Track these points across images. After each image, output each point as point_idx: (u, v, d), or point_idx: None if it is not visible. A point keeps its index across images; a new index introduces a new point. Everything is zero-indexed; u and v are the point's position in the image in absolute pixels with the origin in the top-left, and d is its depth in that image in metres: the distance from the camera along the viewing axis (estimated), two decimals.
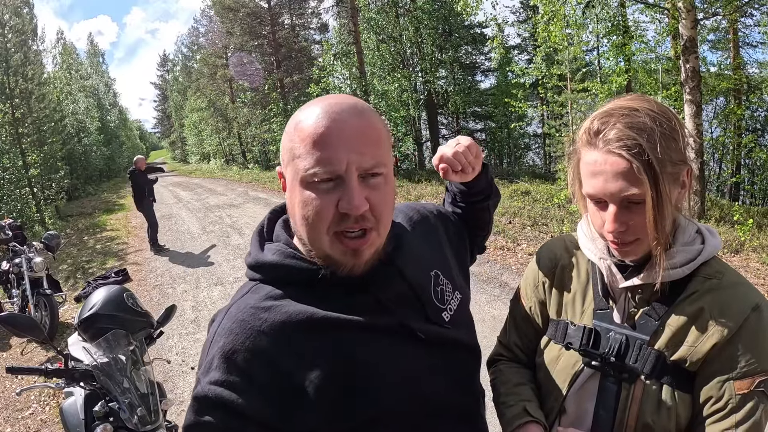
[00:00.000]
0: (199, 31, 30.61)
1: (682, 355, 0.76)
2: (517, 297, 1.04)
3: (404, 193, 10.93)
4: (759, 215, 6.92)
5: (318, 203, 0.66)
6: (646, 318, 0.81)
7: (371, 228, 0.69)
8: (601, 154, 0.75)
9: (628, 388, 0.80)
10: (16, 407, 3.60)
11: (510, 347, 1.04)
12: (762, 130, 13.71)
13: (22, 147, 13.35)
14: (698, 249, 0.79)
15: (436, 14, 15.89)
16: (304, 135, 0.66)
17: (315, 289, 0.72)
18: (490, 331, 3.70)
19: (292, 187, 0.70)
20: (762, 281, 4.26)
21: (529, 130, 20.19)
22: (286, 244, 0.77)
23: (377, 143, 0.68)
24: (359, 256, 0.70)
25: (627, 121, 0.75)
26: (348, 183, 0.65)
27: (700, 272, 0.79)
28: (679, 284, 0.79)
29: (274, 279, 0.75)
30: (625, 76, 8.53)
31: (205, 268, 6.50)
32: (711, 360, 0.75)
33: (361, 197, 0.65)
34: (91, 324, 1.87)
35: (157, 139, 72.26)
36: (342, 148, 0.65)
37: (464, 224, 1.02)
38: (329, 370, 0.69)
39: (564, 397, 0.88)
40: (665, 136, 0.74)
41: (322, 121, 0.66)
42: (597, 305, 0.87)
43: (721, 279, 0.78)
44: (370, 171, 0.67)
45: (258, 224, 0.84)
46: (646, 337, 0.79)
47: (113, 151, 30.20)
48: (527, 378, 0.98)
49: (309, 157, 0.65)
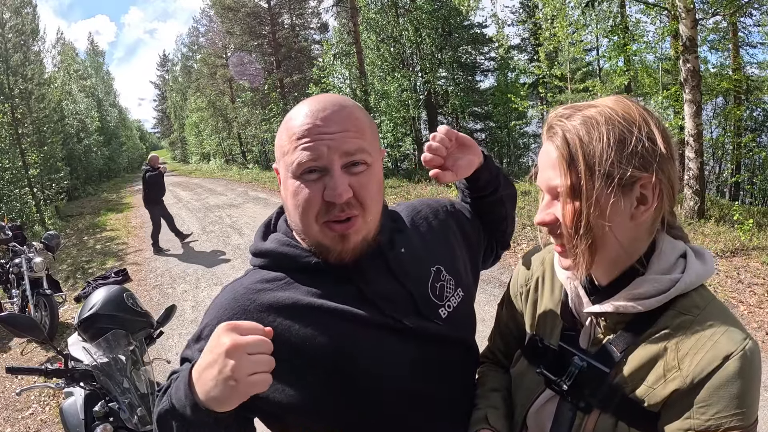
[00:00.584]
0: (199, 31, 30.59)
1: (641, 394, 0.70)
2: (502, 302, 1.03)
3: (404, 193, 10.92)
4: (759, 215, 6.92)
5: (306, 193, 0.71)
6: (610, 347, 0.75)
7: (357, 215, 0.73)
8: (545, 144, 0.75)
9: (583, 417, 0.76)
10: (16, 407, 3.60)
11: (494, 351, 1.04)
12: (760, 129, 13.71)
13: (22, 147, 13.33)
14: (673, 279, 0.70)
15: (436, 14, 15.86)
16: (291, 132, 0.72)
17: (306, 275, 0.78)
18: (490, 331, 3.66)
19: (284, 181, 0.75)
20: (762, 281, 4.26)
21: (529, 130, 20.18)
22: (284, 234, 0.83)
23: (359, 134, 0.73)
24: (346, 241, 0.74)
25: (578, 116, 0.71)
26: (332, 172, 0.70)
27: (675, 305, 0.71)
28: (650, 315, 0.72)
29: (270, 265, 0.81)
30: (626, 76, 8.54)
31: (205, 268, 6.50)
32: (672, 404, 0.68)
33: (345, 185, 0.70)
34: (91, 324, 1.87)
35: (156, 139, 72.21)
36: (324, 139, 0.70)
37: (480, 220, 1.01)
38: (310, 353, 0.73)
39: (525, 412, 0.86)
40: (613, 136, 0.68)
41: (307, 117, 0.72)
42: (564, 326, 0.83)
43: (696, 316, 0.69)
44: (352, 160, 0.72)
45: (266, 217, 0.90)
46: (606, 369, 0.74)
47: (113, 151, 30.20)
48: (503, 384, 0.96)
49: (295, 151, 0.71)
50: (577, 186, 0.68)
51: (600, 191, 0.67)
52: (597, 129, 0.68)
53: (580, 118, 0.70)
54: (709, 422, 0.65)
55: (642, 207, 0.69)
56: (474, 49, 18.86)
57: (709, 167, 13.40)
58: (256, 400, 0.69)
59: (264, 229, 0.87)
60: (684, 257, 0.74)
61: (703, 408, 0.66)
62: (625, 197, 0.68)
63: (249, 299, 0.76)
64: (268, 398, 0.73)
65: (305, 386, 0.73)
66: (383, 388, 0.76)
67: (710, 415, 0.65)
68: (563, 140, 0.70)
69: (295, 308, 0.75)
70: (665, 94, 8.52)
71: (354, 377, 0.74)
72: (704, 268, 0.72)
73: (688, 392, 0.67)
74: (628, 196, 0.68)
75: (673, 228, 0.76)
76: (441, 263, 0.87)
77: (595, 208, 0.67)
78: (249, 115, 21.87)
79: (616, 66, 8.75)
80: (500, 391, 0.94)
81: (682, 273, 0.71)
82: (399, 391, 0.77)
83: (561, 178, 0.69)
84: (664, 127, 0.71)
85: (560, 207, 0.70)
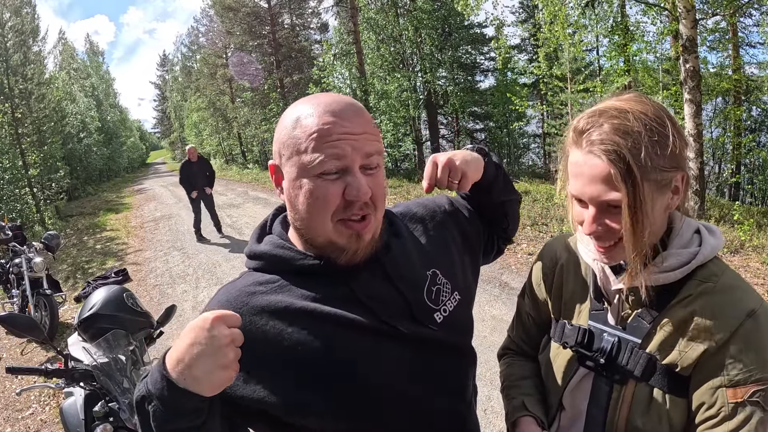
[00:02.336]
0: (199, 31, 30.54)
1: (673, 359, 0.75)
2: (523, 293, 1.05)
3: (404, 193, 10.92)
4: (759, 215, 6.92)
5: (325, 193, 0.71)
6: (639, 320, 0.80)
7: (370, 213, 0.74)
8: (583, 155, 0.74)
9: (620, 390, 0.80)
10: (16, 407, 3.60)
11: (516, 341, 1.07)
12: (760, 129, 13.71)
13: (21, 147, 13.34)
14: (693, 252, 0.77)
15: (436, 14, 15.86)
16: (309, 130, 0.71)
17: (301, 278, 0.77)
18: (491, 332, 3.69)
19: (294, 180, 0.73)
20: (762, 281, 4.26)
21: (528, 129, 20.19)
22: (279, 236, 0.83)
23: (375, 135, 0.75)
24: (361, 240, 0.75)
25: (614, 123, 0.72)
26: (354, 173, 0.71)
27: (695, 275, 0.76)
28: (674, 287, 0.77)
29: (265, 267, 0.81)
30: (626, 77, 8.54)
31: (205, 268, 6.50)
32: (702, 365, 0.73)
33: (366, 185, 0.71)
34: (91, 324, 1.87)
35: (157, 139, 72.21)
36: (349, 139, 0.70)
37: (479, 217, 1.00)
38: (303, 357, 0.72)
39: (561, 394, 0.89)
40: (654, 142, 0.71)
41: (327, 117, 0.71)
42: (592, 306, 0.87)
43: (716, 282, 0.75)
44: (369, 162, 0.73)
45: (262, 219, 0.89)
46: (638, 340, 0.79)
47: (113, 151, 30.20)
48: (532, 372, 1.00)
49: (316, 151, 0.70)
50: (637, 199, 0.71)
51: (654, 197, 0.73)
52: (641, 138, 0.71)
53: (615, 126, 0.72)
54: (738, 376, 0.70)
55: (676, 197, 0.77)
56: (474, 49, 18.85)
57: (709, 167, 13.40)
58: (246, 402, 0.70)
59: (259, 231, 0.87)
60: (697, 233, 0.80)
61: (731, 364, 0.70)
62: (665, 194, 0.75)
63: (241, 302, 0.75)
64: (260, 400, 0.72)
65: (298, 389, 0.72)
66: (382, 394, 0.75)
67: (738, 370, 0.70)
68: (616, 155, 0.70)
69: (288, 312, 0.74)
70: (665, 94, 8.53)
71: (351, 382, 0.73)
72: (717, 241, 0.79)
73: (717, 351, 0.71)
74: (667, 192, 0.75)
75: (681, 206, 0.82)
76: (437, 267, 0.86)
77: (648, 212, 0.72)
78: (249, 115, 21.86)
79: (617, 66, 8.75)
80: (531, 378, 0.98)
81: (699, 246, 0.77)
82: (397, 396, 0.76)
83: (621, 194, 0.71)
84: (675, 118, 0.76)
85: (622, 219, 0.72)
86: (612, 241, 0.77)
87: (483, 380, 3.03)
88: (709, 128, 12.38)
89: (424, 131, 19.23)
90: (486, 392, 2.95)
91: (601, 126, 0.73)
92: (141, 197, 16.97)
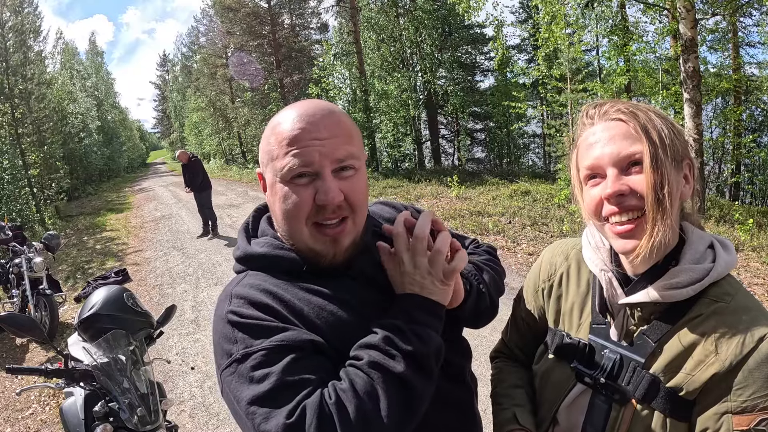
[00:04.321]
0: (199, 31, 30.56)
1: (678, 382, 0.71)
2: (519, 297, 1.02)
3: (404, 193, 10.92)
4: (759, 215, 6.92)
5: (296, 198, 0.72)
6: (644, 338, 0.76)
7: (347, 217, 0.75)
8: (600, 125, 0.75)
9: (619, 410, 0.76)
10: (16, 407, 3.60)
11: (510, 346, 1.05)
12: (760, 129, 13.70)
13: (22, 147, 13.34)
14: (706, 269, 0.72)
15: (436, 14, 15.86)
16: (280, 137, 0.73)
17: (304, 277, 0.77)
18: (490, 331, 3.67)
19: (272, 186, 0.76)
20: (762, 281, 4.26)
21: (528, 130, 20.19)
22: (273, 237, 0.82)
23: (347, 139, 0.74)
24: (338, 244, 0.75)
25: (625, 102, 0.76)
26: (324, 177, 0.71)
27: (707, 293, 0.72)
28: (683, 304, 0.73)
29: (265, 269, 0.80)
30: (626, 77, 8.54)
31: (205, 268, 6.50)
32: (709, 389, 0.69)
33: (336, 189, 0.71)
34: (91, 324, 1.87)
35: (157, 139, 72.21)
36: (315, 145, 0.71)
37: None
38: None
39: (556, 408, 0.86)
40: (664, 120, 0.73)
41: (296, 123, 0.72)
42: (594, 319, 0.83)
43: (729, 303, 0.71)
44: (342, 165, 0.73)
45: (243, 222, 0.89)
46: (641, 359, 0.75)
47: (113, 151, 30.18)
48: (524, 380, 0.96)
49: (286, 156, 0.71)
50: (656, 153, 0.70)
51: (670, 163, 0.71)
52: (652, 115, 0.73)
53: (627, 103, 0.75)
54: (746, 403, 0.66)
55: (687, 186, 0.75)
56: (474, 49, 18.87)
57: (709, 167, 13.41)
58: None
59: (245, 233, 0.87)
60: (711, 248, 0.76)
61: (740, 390, 0.67)
62: (679, 173, 0.73)
63: (262, 288, 0.76)
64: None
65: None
66: None
67: (747, 396, 0.66)
68: (633, 116, 0.72)
69: (310, 306, 0.74)
70: (665, 94, 8.52)
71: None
72: (730, 257, 0.75)
73: (726, 375, 0.68)
74: (680, 172, 0.73)
75: (692, 215, 0.80)
76: None
77: (669, 177, 0.70)
78: (249, 115, 21.86)
79: (616, 66, 8.75)
80: (522, 387, 0.95)
81: (713, 262, 0.73)
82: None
83: (642, 144, 0.70)
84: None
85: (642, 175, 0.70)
86: (634, 213, 0.72)
87: (483, 380, 3.02)
88: (709, 128, 12.38)
89: (424, 131, 19.24)
90: (486, 392, 2.94)
91: (614, 104, 0.75)
92: (141, 197, 16.97)
